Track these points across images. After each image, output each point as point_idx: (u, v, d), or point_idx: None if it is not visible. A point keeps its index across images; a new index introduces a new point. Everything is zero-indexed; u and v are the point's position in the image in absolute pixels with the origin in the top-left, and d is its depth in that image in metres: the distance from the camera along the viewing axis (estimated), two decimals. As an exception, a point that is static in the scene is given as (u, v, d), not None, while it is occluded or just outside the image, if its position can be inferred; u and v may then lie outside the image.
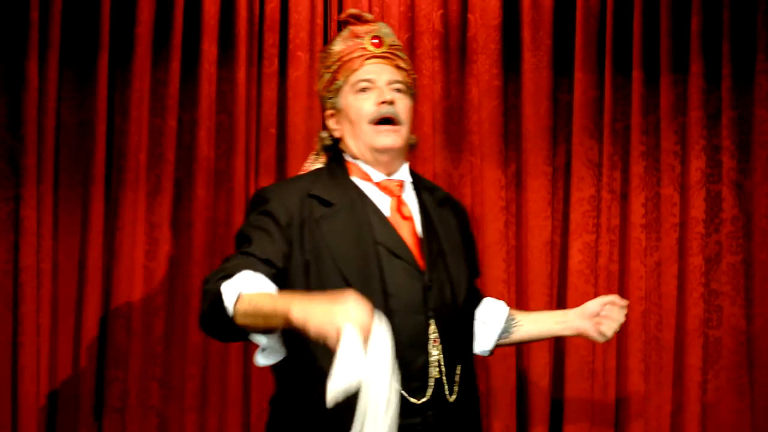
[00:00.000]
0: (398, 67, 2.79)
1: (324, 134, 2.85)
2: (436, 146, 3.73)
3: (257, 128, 3.71)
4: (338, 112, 2.79)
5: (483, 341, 2.95)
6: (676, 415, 3.71)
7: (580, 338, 3.61)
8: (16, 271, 3.53)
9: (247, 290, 2.41)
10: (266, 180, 3.67)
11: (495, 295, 3.63)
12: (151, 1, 3.63)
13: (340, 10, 3.72)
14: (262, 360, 2.60)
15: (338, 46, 2.81)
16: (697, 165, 3.73)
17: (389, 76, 2.75)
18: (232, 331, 2.46)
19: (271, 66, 3.70)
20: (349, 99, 2.75)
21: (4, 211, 3.55)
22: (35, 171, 3.54)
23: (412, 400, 2.53)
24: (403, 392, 2.48)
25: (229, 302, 2.41)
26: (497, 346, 2.98)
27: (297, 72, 3.70)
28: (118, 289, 3.59)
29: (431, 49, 3.73)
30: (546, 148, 3.75)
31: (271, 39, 3.71)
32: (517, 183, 3.78)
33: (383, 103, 2.70)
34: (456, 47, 3.77)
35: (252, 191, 3.67)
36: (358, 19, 2.83)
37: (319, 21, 3.73)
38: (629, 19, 3.74)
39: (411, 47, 3.73)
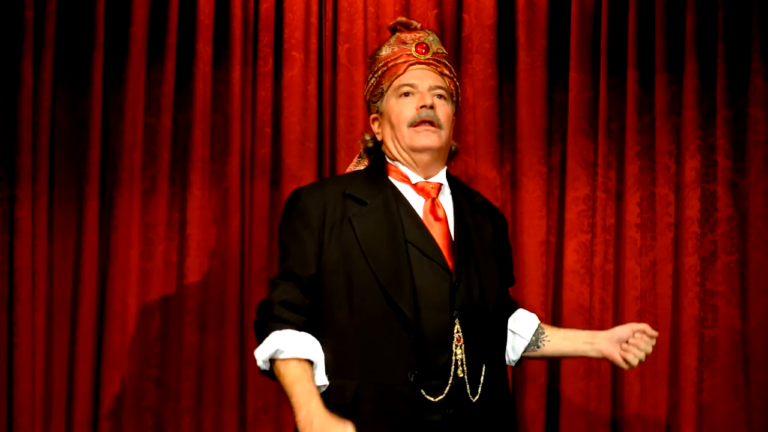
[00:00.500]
0: (442, 74, 2.86)
1: (367, 137, 2.93)
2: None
3: (252, 128, 3.72)
4: (381, 115, 2.87)
5: (510, 352, 3.00)
6: (671, 414, 3.71)
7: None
8: (11, 272, 3.56)
9: (282, 355, 2.60)
10: (261, 180, 3.69)
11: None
12: (145, 1, 3.67)
13: (335, 10, 3.75)
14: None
15: (385, 51, 2.89)
16: (691, 164, 3.74)
17: (432, 81, 2.82)
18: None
19: (265, 66, 3.72)
20: (391, 103, 2.83)
21: (-1, 211, 3.56)
22: (30, 171, 3.56)
23: (429, 398, 2.59)
24: (422, 390, 2.57)
25: (263, 364, 2.65)
26: (525, 358, 3.02)
27: (292, 72, 3.71)
28: (113, 290, 3.61)
29: (426, 48, 3.74)
30: (541, 147, 3.76)
31: (266, 39, 3.73)
32: (512, 183, 3.79)
33: (423, 107, 2.77)
34: (451, 47, 3.78)
35: (247, 191, 3.69)
36: (406, 27, 2.91)
37: (314, 20, 3.75)
38: (624, 18, 3.76)
39: (406, 47, 3.74)
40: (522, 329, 2.99)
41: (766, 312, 3.69)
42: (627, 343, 2.89)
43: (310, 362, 2.61)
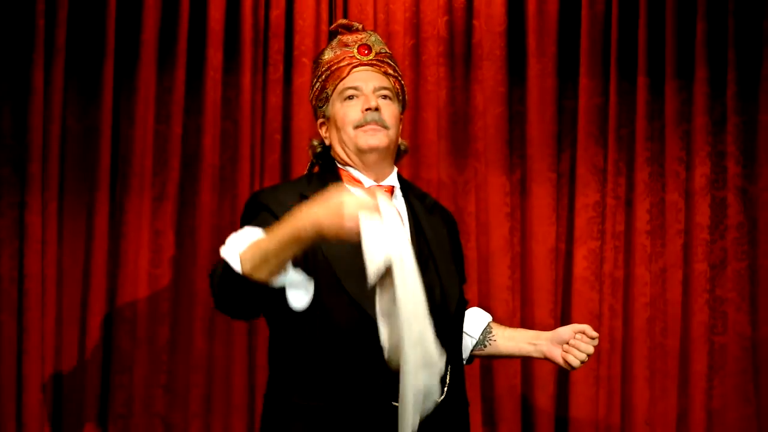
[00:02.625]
0: (386, 73, 2.84)
1: (315, 142, 2.91)
2: (441, 152, 3.77)
3: (262, 134, 3.75)
4: (327, 120, 2.85)
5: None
6: (681, 421, 3.75)
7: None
8: (20, 278, 3.59)
9: (244, 245, 2.45)
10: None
11: (499, 302, 3.70)
12: (156, 8, 3.69)
13: (344, 17, 3.76)
14: (297, 303, 2.58)
15: (327, 55, 2.86)
16: (702, 171, 3.76)
17: (376, 83, 2.80)
18: (250, 294, 2.47)
19: (276, 72, 3.75)
20: (336, 107, 2.81)
21: (9, 218, 3.61)
22: (40, 178, 3.59)
23: (395, 404, 2.51)
24: (390, 399, 2.52)
25: (233, 262, 2.44)
26: (475, 356, 3.00)
27: (302, 78, 3.74)
28: (122, 296, 3.64)
29: (436, 55, 3.78)
30: (551, 154, 3.79)
31: (276, 45, 3.76)
32: (521, 189, 3.82)
33: (368, 109, 2.75)
34: (461, 54, 3.81)
35: (257, 198, 3.69)
36: (348, 29, 2.88)
37: (324, 27, 3.78)
38: (634, 25, 3.79)
39: (416, 53, 3.79)
40: (472, 328, 2.97)
41: (776, 319, 3.73)
42: (568, 344, 2.86)
43: None
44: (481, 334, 2.98)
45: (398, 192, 2.84)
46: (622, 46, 3.79)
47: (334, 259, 2.59)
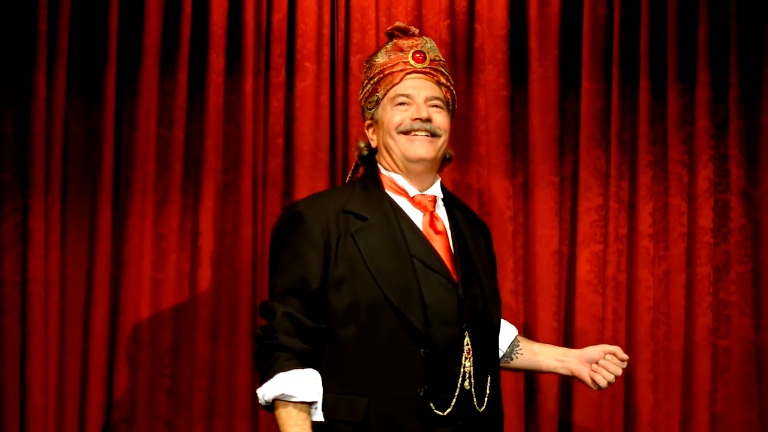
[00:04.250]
0: (438, 83, 2.87)
1: (362, 144, 2.96)
2: (444, 156, 3.78)
3: (264, 139, 3.79)
4: (376, 123, 2.88)
5: None
6: (685, 424, 3.78)
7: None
8: (24, 282, 3.62)
9: (285, 398, 2.62)
10: (273, 191, 3.74)
11: (503, 305, 3.68)
12: (158, 12, 3.72)
13: (347, 21, 3.82)
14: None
15: (381, 58, 2.89)
16: (704, 174, 3.79)
17: (428, 92, 2.83)
18: None
19: (278, 76, 3.78)
20: (387, 112, 2.84)
21: (12, 222, 3.63)
22: (43, 182, 3.62)
23: (438, 412, 2.63)
24: (431, 404, 2.61)
25: (263, 401, 2.66)
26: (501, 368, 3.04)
27: (304, 82, 3.77)
28: (125, 300, 3.67)
29: (438, 59, 3.79)
30: (553, 158, 3.82)
31: (279, 49, 3.79)
32: (524, 193, 3.86)
33: (417, 119, 2.79)
34: (463, 57, 3.84)
35: (259, 202, 3.74)
36: (405, 33, 2.91)
37: (326, 32, 3.81)
38: (636, 28, 3.83)
39: (418, 57, 3.79)
40: (500, 340, 3.00)
41: (779, 322, 3.75)
42: (597, 364, 2.92)
43: (312, 403, 2.64)
44: (509, 347, 3.04)
45: (440, 202, 2.88)
46: (624, 50, 3.83)
47: (377, 271, 2.65)
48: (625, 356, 2.93)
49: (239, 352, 3.67)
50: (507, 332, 3.07)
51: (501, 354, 3.01)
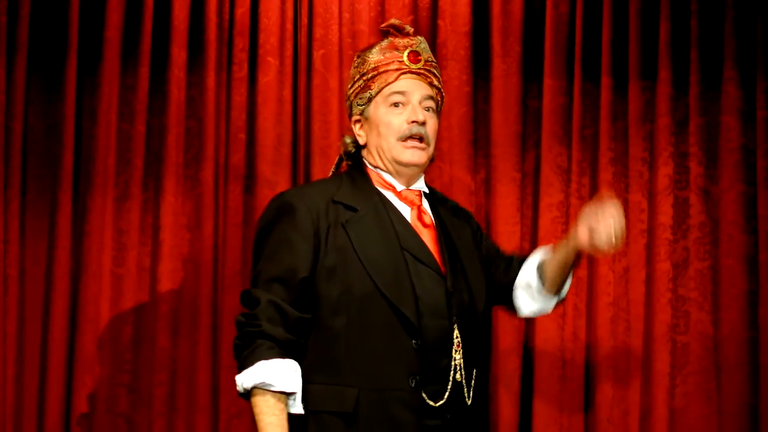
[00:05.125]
0: (431, 84, 2.88)
1: (348, 140, 2.95)
2: (406, 152, 3.80)
3: (227, 133, 3.80)
4: (366, 120, 2.88)
5: (536, 302, 3.00)
6: (644, 420, 3.82)
7: (548, 344, 3.74)
8: (-18, 278, 3.60)
9: (264, 387, 2.60)
10: (235, 185, 3.75)
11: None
12: (120, 6, 3.73)
13: (310, 16, 3.83)
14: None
15: (376, 55, 2.87)
16: (664, 171, 3.83)
17: (423, 92, 2.84)
18: None
19: (240, 71, 3.79)
20: (380, 111, 2.83)
21: (-29, 217, 3.62)
22: (2, 176, 3.63)
23: (430, 402, 2.65)
24: (423, 395, 2.64)
25: (241, 388, 2.64)
26: (561, 301, 3.04)
27: (267, 77, 3.78)
28: (85, 295, 3.68)
29: (401, 55, 3.80)
30: (515, 154, 3.85)
31: (241, 44, 3.80)
32: (486, 189, 3.88)
33: (414, 122, 2.80)
34: (426, 53, 3.84)
35: (221, 197, 3.75)
36: (400, 31, 2.90)
37: (289, 26, 3.82)
38: (598, 26, 3.87)
39: (381, 53, 3.81)
40: (532, 278, 2.97)
41: (738, 318, 3.81)
42: (594, 224, 2.79)
43: (290, 395, 2.63)
44: (540, 275, 2.96)
45: (424, 197, 2.92)
46: (586, 47, 3.86)
47: (368, 261, 2.67)
48: (612, 199, 2.81)
49: (200, 347, 3.68)
50: (530, 265, 3.00)
51: (542, 289, 2.95)
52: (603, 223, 2.76)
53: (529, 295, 3.00)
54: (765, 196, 3.81)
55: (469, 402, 2.73)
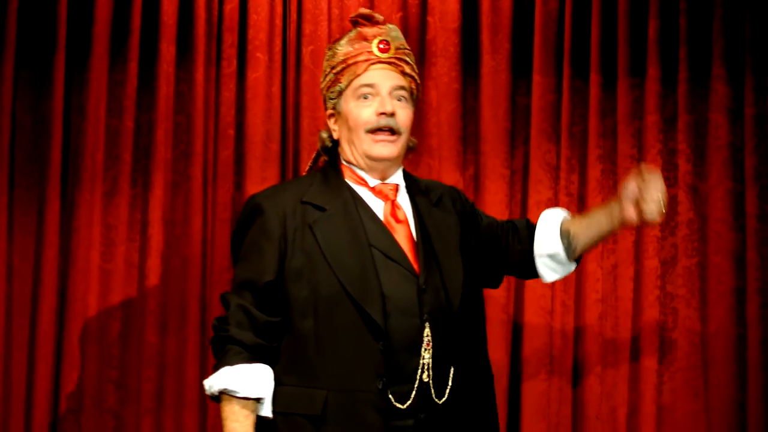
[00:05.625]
0: (404, 72, 2.83)
1: (324, 134, 2.91)
2: (395, 148, 3.81)
3: (215, 129, 3.81)
4: (338, 114, 2.84)
5: (557, 270, 3.03)
6: (632, 416, 3.84)
7: (537, 340, 3.75)
8: (-30, 273, 3.60)
9: (230, 393, 2.62)
10: (224, 181, 3.76)
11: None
12: (108, 1, 3.75)
13: (299, 12, 3.84)
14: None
15: (345, 47, 2.84)
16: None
17: (393, 82, 2.80)
18: None
19: (229, 67, 3.80)
20: (350, 104, 2.80)
21: (-42, 213, 3.62)
22: (-10, 172, 3.61)
23: (398, 405, 2.62)
24: (390, 396, 2.61)
25: (209, 393, 2.67)
26: (577, 260, 3.05)
27: (256, 73, 3.79)
28: (73, 291, 3.69)
29: (390, 51, 3.81)
30: (504, 150, 3.87)
31: (230, 40, 3.81)
32: (475, 185, 3.90)
33: (383, 114, 2.76)
34: (415, 50, 3.85)
35: (210, 192, 3.77)
36: (369, 20, 2.86)
37: (278, 22, 3.83)
38: (587, 23, 3.89)
39: (370, 49, 3.82)
40: (550, 246, 2.98)
41: (725, 315, 3.84)
42: (640, 200, 2.81)
43: (258, 399, 2.64)
44: (564, 243, 2.97)
45: (403, 190, 2.87)
46: (575, 44, 3.88)
47: (335, 262, 2.65)
48: (651, 171, 2.84)
49: (188, 343, 3.69)
50: (550, 230, 2.99)
51: (563, 253, 2.96)
52: (649, 196, 2.78)
53: (555, 263, 3.01)
54: (753, 194, 3.84)
55: (441, 401, 2.68)
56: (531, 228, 3.06)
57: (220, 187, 3.77)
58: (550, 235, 3.00)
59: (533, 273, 3.07)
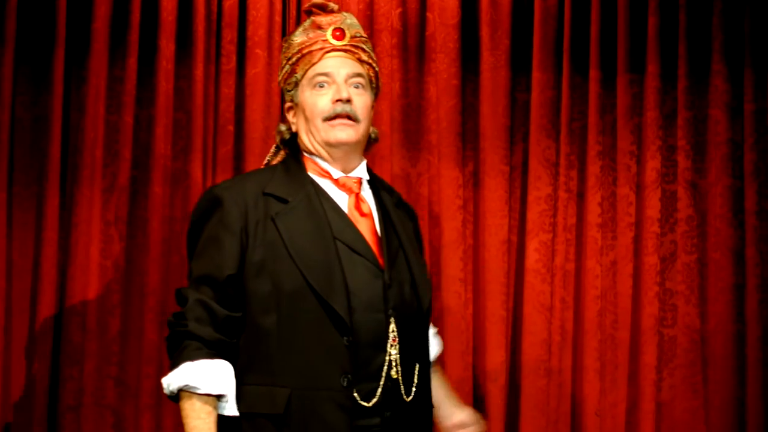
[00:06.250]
0: (360, 60, 2.78)
1: (283, 127, 2.85)
2: (394, 145, 3.86)
3: (215, 126, 3.82)
4: (296, 105, 2.79)
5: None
6: (631, 413, 3.87)
7: (537, 336, 3.77)
8: (-31, 269, 3.61)
9: (190, 389, 2.56)
10: (223, 177, 3.77)
11: (452, 294, 3.83)
12: (108, -3, 3.72)
13: (298, 7, 3.85)
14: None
15: (299, 37, 2.79)
16: (652, 165, 3.87)
17: (349, 70, 2.75)
18: None
19: (229, 63, 3.81)
20: (306, 94, 2.75)
21: (-43, 209, 3.63)
22: (-11, 168, 3.63)
23: (363, 403, 2.57)
24: (355, 394, 2.56)
25: (168, 391, 2.61)
26: None
27: (255, 69, 3.81)
28: (73, 287, 3.70)
29: (390, 47, 3.86)
30: (503, 147, 3.89)
31: (229, 36, 3.82)
32: (474, 182, 3.92)
33: (339, 101, 2.70)
34: (414, 46, 3.89)
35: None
36: (323, 9, 2.81)
37: (278, 18, 3.84)
38: (587, 19, 3.91)
39: (370, 45, 3.83)
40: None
41: (724, 312, 3.86)
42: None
43: (220, 396, 2.57)
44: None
45: (366, 184, 2.82)
46: (574, 40, 3.90)
47: (298, 255, 2.59)
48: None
49: (188, 339, 3.70)
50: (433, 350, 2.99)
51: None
52: None
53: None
54: (752, 190, 3.86)
55: (409, 399, 2.65)
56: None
57: (219, 184, 3.77)
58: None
59: None
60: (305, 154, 2.79)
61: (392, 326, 2.63)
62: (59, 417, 3.67)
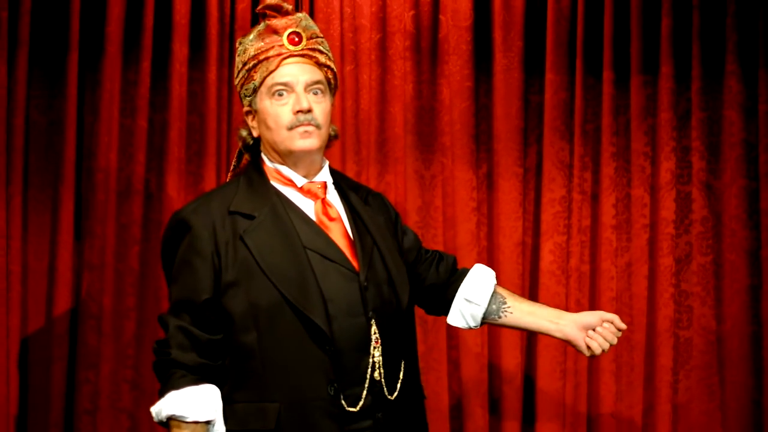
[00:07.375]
0: (318, 63, 2.78)
1: (244, 132, 2.86)
2: (408, 147, 3.88)
3: (228, 129, 3.86)
4: (255, 112, 2.79)
5: (469, 319, 2.98)
6: (647, 415, 3.88)
7: (551, 338, 3.78)
8: (-15, 273, 3.65)
9: (178, 418, 2.60)
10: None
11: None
12: (121, 1, 3.77)
13: (311, 10, 3.88)
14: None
15: (255, 42, 2.77)
16: (667, 166, 3.88)
17: (308, 77, 2.74)
18: None
19: (242, 66, 3.81)
20: (265, 103, 2.75)
21: (-28, 213, 3.67)
22: (4, 171, 3.68)
23: (351, 409, 2.61)
24: (342, 401, 2.59)
25: (157, 420, 2.65)
26: (485, 323, 3.01)
27: (268, 72, 3.81)
28: (88, 291, 3.72)
29: (403, 49, 3.88)
30: (517, 149, 3.91)
31: (242, 39, 3.82)
32: (488, 184, 3.94)
33: (300, 111, 2.70)
34: (427, 48, 3.91)
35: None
36: (277, 11, 2.77)
37: (291, 21, 3.84)
38: (600, 20, 3.92)
39: (382, 48, 3.89)
40: (477, 296, 2.95)
41: (740, 313, 3.87)
42: (594, 330, 2.90)
43: (208, 422, 2.61)
44: (492, 303, 2.95)
45: (331, 186, 2.84)
46: (587, 41, 3.92)
47: (271, 270, 2.61)
48: (623, 326, 2.92)
49: (203, 342, 3.72)
50: (483, 286, 2.97)
51: (482, 310, 2.94)
52: (610, 339, 2.89)
53: (467, 312, 2.97)
54: (767, 191, 3.87)
55: (393, 397, 2.67)
56: (456, 269, 3.05)
57: (233, 187, 3.80)
58: (483, 287, 2.97)
59: (440, 309, 3.03)
60: (266, 162, 2.80)
61: (374, 328, 2.67)
62: (75, 420, 3.70)
